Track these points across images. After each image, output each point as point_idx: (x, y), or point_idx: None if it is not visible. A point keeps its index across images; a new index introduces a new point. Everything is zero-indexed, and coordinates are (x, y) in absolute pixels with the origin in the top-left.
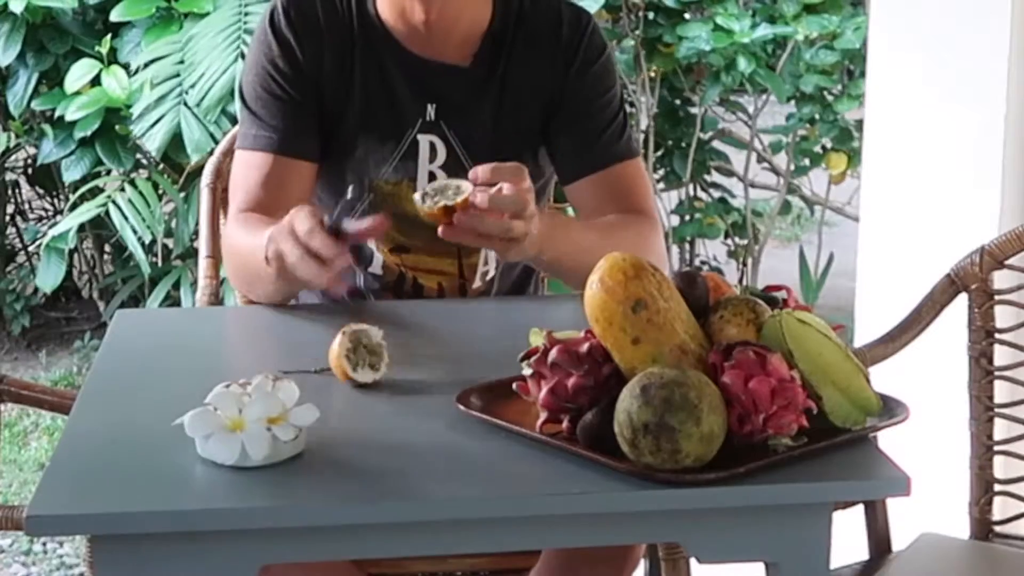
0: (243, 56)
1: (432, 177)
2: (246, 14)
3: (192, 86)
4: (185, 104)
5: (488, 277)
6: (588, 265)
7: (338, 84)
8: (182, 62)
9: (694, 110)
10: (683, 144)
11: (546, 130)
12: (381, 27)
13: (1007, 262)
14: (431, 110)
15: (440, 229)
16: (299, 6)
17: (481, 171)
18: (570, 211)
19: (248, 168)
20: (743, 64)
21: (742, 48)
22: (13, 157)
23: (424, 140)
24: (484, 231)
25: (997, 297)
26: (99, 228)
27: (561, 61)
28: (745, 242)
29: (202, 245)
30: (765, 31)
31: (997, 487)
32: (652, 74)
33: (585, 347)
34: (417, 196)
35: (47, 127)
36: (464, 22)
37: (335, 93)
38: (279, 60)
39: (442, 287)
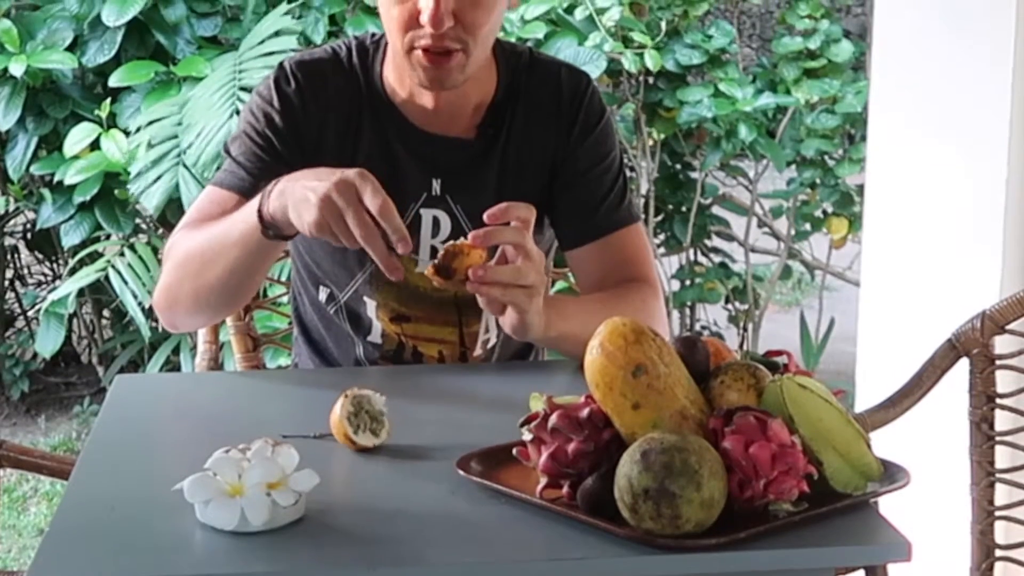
0: (238, 112)
1: (434, 251)
2: (241, 71)
3: (189, 146)
4: (183, 165)
5: (489, 345)
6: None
7: (340, 153)
8: (180, 123)
9: (694, 175)
10: (683, 209)
11: (548, 195)
12: (388, 101)
13: (1008, 327)
14: (436, 185)
15: (467, 285)
16: (308, 70)
17: (492, 210)
18: (571, 277)
19: (211, 202)
20: (744, 132)
21: (743, 116)
22: (12, 222)
23: (427, 214)
24: (496, 279)
25: (998, 362)
26: (98, 293)
27: (562, 126)
28: (746, 307)
29: None
30: (767, 100)
31: (998, 552)
32: (653, 141)
33: (585, 412)
34: (427, 271)
35: (46, 191)
36: (471, 99)
37: (337, 162)
38: (276, 116)
39: (443, 355)
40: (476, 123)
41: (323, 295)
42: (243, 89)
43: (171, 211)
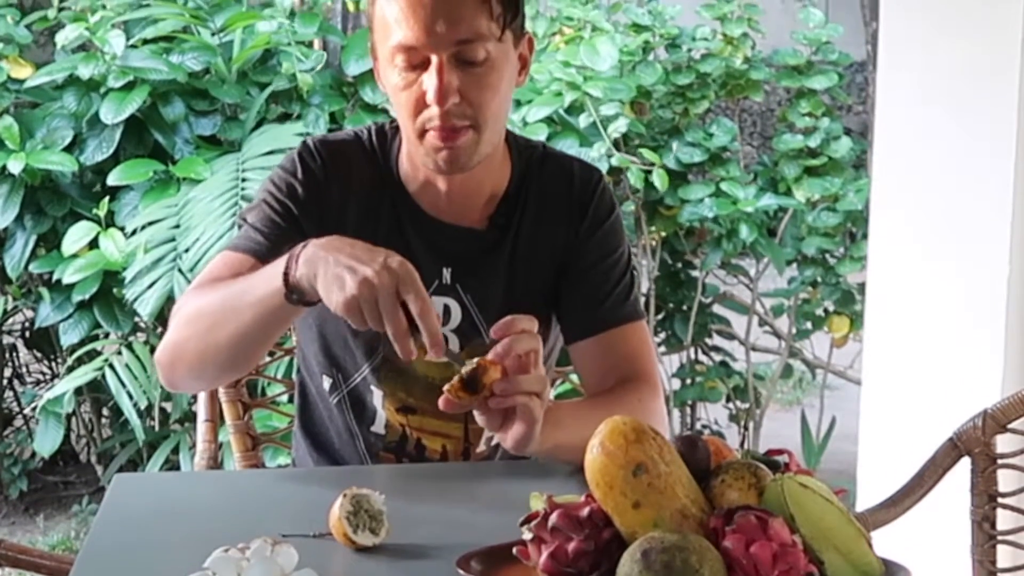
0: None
1: (445, 340)
2: (243, 180)
3: (186, 250)
4: (179, 269)
5: (493, 442)
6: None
7: (360, 235)
8: (178, 226)
9: (695, 273)
10: (684, 307)
11: (556, 287)
12: (403, 187)
13: (1010, 426)
14: (447, 273)
15: (490, 401)
16: (332, 149)
17: (499, 324)
18: (573, 377)
19: (225, 265)
20: (745, 232)
21: (745, 216)
22: (11, 320)
23: (438, 302)
24: (527, 388)
25: (1000, 461)
26: (97, 391)
27: (572, 219)
28: (746, 406)
29: (200, 409)
30: (769, 201)
31: None
32: (654, 239)
33: (586, 511)
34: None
35: (45, 290)
36: (484, 189)
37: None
38: (299, 187)
39: (446, 450)
40: (488, 214)
41: (327, 384)
42: (245, 199)
43: (168, 312)
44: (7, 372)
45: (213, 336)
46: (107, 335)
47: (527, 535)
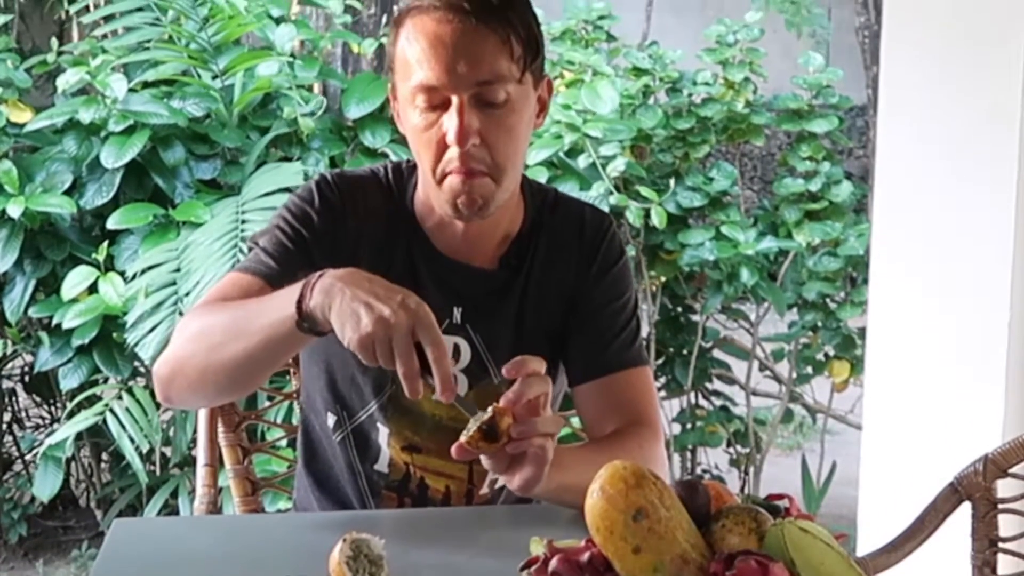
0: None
1: (455, 379)
2: (243, 222)
3: (187, 294)
4: (180, 313)
5: (497, 485)
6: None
7: (374, 269)
8: (178, 270)
9: (695, 318)
10: (684, 352)
11: (564, 330)
12: (418, 225)
13: (1011, 471)
14: (458, 313)
15: (508, 447)
16: (349, 183)
17: (509, 364)
18: (575, 421)
19: (233, 285)
20: (746, 275)
21: (745, 259)
22: (10, 365)
23: (448, 341)
24: (544, 430)
25: (1001, 506)
26: (96, 436)
27: (582, 263)
28: (747, 450)
29: (200, 454)
30: (769, 244)
31: None
32: (654, 284)
33: (586, 556)
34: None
35: (44, 335)
36: (498, 231)
37: None
38: (315, 216)
39: (449, 490)
40: (500, 255)
41: (331, 421)
42: (245, 241)
43: None
44: (7, 417)
45: (218, 354)
46: (107, 380)
47: None
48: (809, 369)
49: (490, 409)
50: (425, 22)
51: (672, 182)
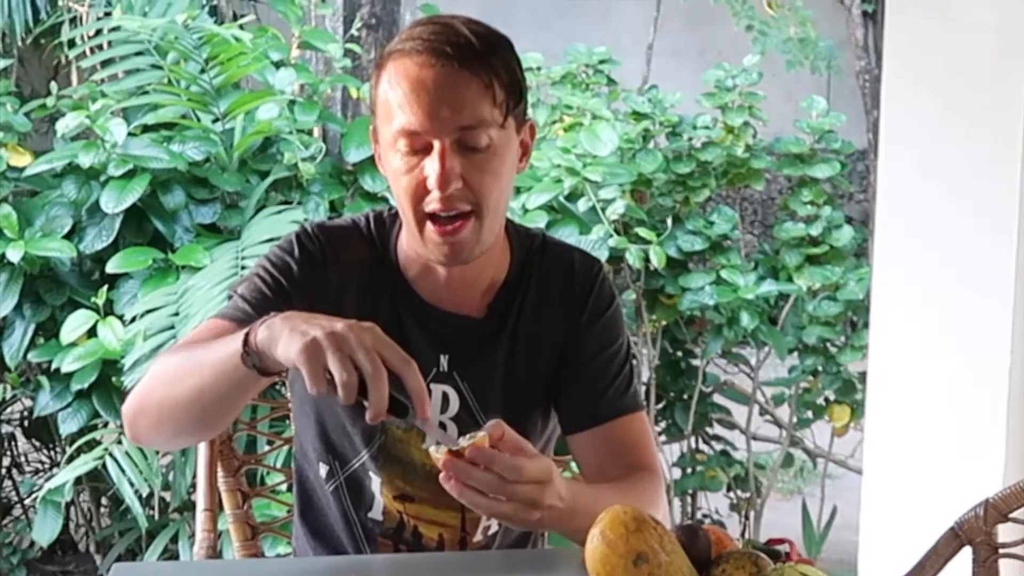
0: None
1: (443, 427)
2: (243, 267)
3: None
4: None
5: (491, 532)
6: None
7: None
8: (177, 314)
9: (696, 362)
10: (685, 396)
11: (555, 378)
12: (401, 274)
13: (1012, 515)
14: (444, 361)
15: (441, 476)
16: (330, 234)
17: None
18: (572, 466)
19: (207, 329)
20: (746, 319)
21: (745, 303)
22: (9, 409)
23: (437, 390)
24: (474, 483)
25: (1002, 551)
26: (96, 481)
27: (572, 310)
28: (747, 495)
29: (200, 498)
30: (769, 287)
31: None
32: (654, 328)
33: None
34: (432, 448)
35: (43, 379)
36: (484, 278)
37: None
38: (294, 266)
39: (442, 538)
40: (487, 302)
41: (323, 471)
42: None
43: None
44: (6, 461)
45: (172, 390)
46: (106, 424)
47: None
48: (809, 413)
49: (477, 434)
50: (407, 66)
51: (670, 223)
